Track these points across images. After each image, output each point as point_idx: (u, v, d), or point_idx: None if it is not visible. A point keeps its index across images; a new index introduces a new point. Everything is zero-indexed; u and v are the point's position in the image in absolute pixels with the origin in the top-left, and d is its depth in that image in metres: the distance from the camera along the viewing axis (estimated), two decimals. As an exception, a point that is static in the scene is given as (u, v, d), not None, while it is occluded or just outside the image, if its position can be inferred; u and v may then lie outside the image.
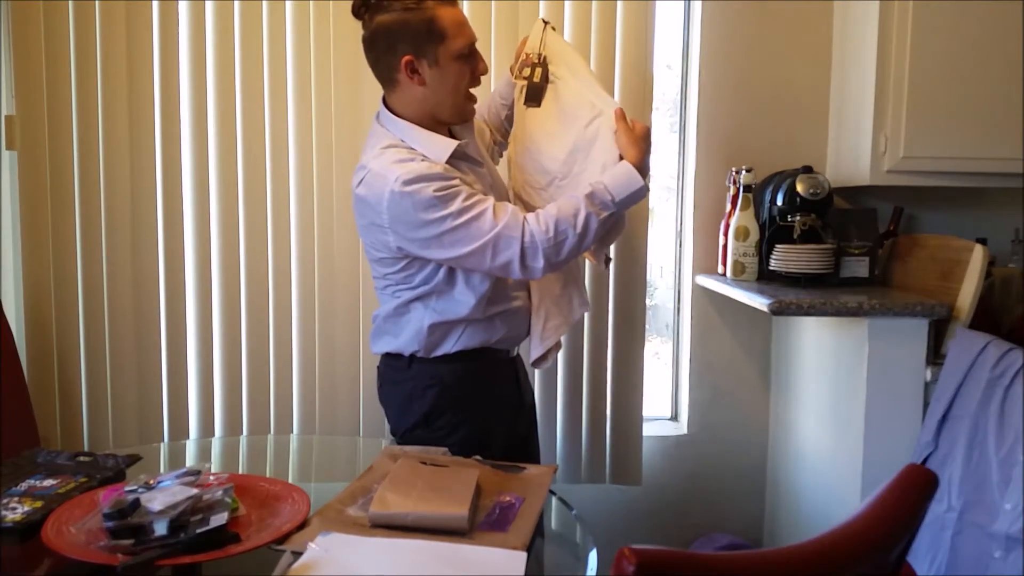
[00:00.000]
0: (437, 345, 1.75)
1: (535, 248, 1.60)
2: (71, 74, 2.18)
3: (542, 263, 1.61)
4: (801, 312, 2.05)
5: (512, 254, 1.60)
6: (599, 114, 1.77)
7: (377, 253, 1.72)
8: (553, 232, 1.60)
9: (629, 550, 0.89)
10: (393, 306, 1.77)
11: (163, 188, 2.26)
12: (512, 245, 1.59)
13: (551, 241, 1.60)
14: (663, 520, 2.65)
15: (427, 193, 1.57)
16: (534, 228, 1.60)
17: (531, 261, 1.61)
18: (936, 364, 2.07)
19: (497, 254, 1.60)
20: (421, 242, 1.62)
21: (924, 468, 1.13)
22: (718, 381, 2.64)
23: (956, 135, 2.25)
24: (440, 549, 1.22)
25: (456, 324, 1.74)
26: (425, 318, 1.74)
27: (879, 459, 2.08)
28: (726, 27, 2.52)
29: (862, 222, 2.42)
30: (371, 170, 1.64)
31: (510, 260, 1.60)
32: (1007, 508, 1.77)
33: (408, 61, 1.65)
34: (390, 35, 1.65)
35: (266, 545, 1.23)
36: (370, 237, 1.71)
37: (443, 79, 1.68)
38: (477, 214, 1.59)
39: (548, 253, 1.61)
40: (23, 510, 1.32)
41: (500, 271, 1.64)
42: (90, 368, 2.26)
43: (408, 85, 1.68)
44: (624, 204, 1.67)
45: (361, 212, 1.69)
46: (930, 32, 2.22)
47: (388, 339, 1.81)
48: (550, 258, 1.61)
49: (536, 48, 1.89)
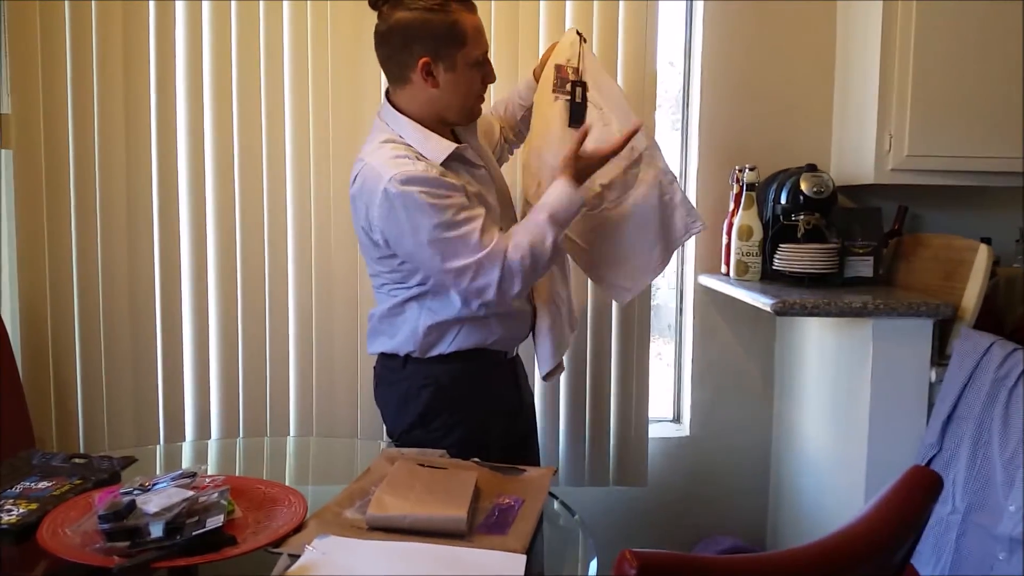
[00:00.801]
0: (433, 345, 1.75)
1: (513, 276, 1.63)
2: (67, 73, 2.17)
3: (518, 288, 1.65)
4: (805, 312, 2.04)
5: (491, 279, 1.62)
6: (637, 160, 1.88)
7: (372, 251, 1.72)
8: (530, 260, 1.65)
9: (630, 553, 0.88)
10: (389, 305, 1.77)
11: (159, 188, 2.25)
12: (492, 273, 1.62)
13: (527, 269, 1.65)
14: (665, 522, 2.64)
15: (419, 198, 1.57)
16: (512, 257, 1.63)
17: (508, 287, 1.64)
18: (940, 365, 2.06)
19: (477, 277, 1.62)
20: (405, 245, 1.63)
21: (928, 470, 1.12)
22: (721, 382, 2.63)
23: (960, 133, 2.24)
24: (438, 551, 1.21)
25: (452, 324, 1.73)
26: (421, 318, 1.73)
27: (883, 460, 2.07)
28: (729, 25, 2.51)
29: (866, 221, 2.41)
30: (367, 164, 1.65)
31: (488, 285, 1.63)
32: (1011, 510, 1.76)
33: (425, 63, 1.64)
34: (408, 33, 1.63)
35: (263, 548, 1.22)
36: (363, 234, 1.71)
37: (457, 84, 1.67)
38: (465, 232, 1.60)
39: (526, 279, 1.65)
40: (18, 512, 1.32)
41: (474, 294, 1.66)
42: (86, 369, 2.25)
43: (420, 86, 1.67)
44: (569, 222, 1.73)
45: (355, 208, 1.70)
46: (933, 31, 2.21)
47: (384, 339, 1.80)
48: (527, 284, 1.67)
49: (575, 63, 1.91)
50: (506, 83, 2.31)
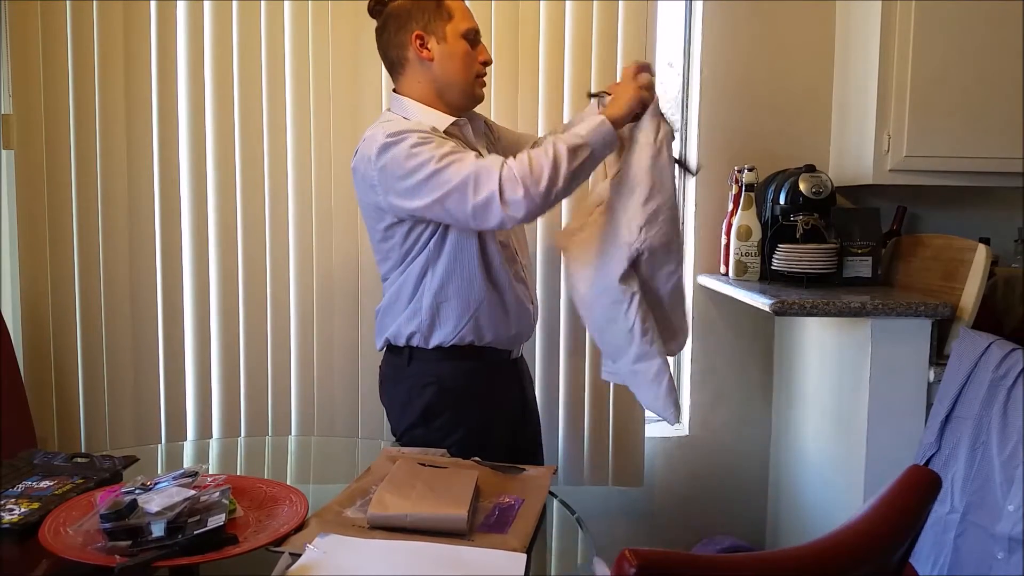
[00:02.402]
0: (436, 327, 1.76)
1: (514, 181, 1.58)
2: (68, 73, 2.18)
3: (521, 193, 1.58)
4: (804, 312, 2.04)
5: (492, 186, 1.58)
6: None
7: (378, 224, 1.75)
8: (528, 163, 1.60)
9: (630, 552, 0.88)
10: (396, 286, 1.79)
11: (160, 188, 2.25)
12: (491, 178, 1.59)
13: (527, 171, 1.59)
14: (664, 522, 2.64)
15: (410, 140, 1.64)
16: (511, 163, 1.61)
17: (510, 194, 1.58)
18: (939, 365, 2.06)
19: (478, 189, 1.59)
20: (406, 191, 1.64)
21: (927, 469, 1.12)
22: (720, 382, 2.63)
23: (959, 133, 2.24)
24: (439, 551, 1.21)
25: (456, 304, 1.75)
26: (425, 295, 1.75)
27: (882, 460, 2.07)
28: (728, 26, 2.51)
29: (865, 221, 2.41)
30: (366, 137, 1.72)
31: (491, 193, 1.58)
32: (1010, 509, 1.77)
33: (418, 35, 1.75)
34: (401, 16, 1.77)
35: (264, 547, 1.22)
36: (368, 207, 1.75)
37: (451, 55, 1.76)
38: (457, 157, 1.63)
39: (527, 183, 1.58)
40: (20, 511, 1.32)
41: (482, 209, 1.60)
42: (87, 369, 2.25)
43: (417, 62, 1.77)
44: (594, 142, 1.65)
45: (357, 181, 1.75)
46: (933, 31, 2.21)
47: (389, 325, 1.82)
48: (529, 190, 1.58)
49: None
50: (506, 83, 2.32)
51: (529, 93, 2.35)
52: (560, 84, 2.36)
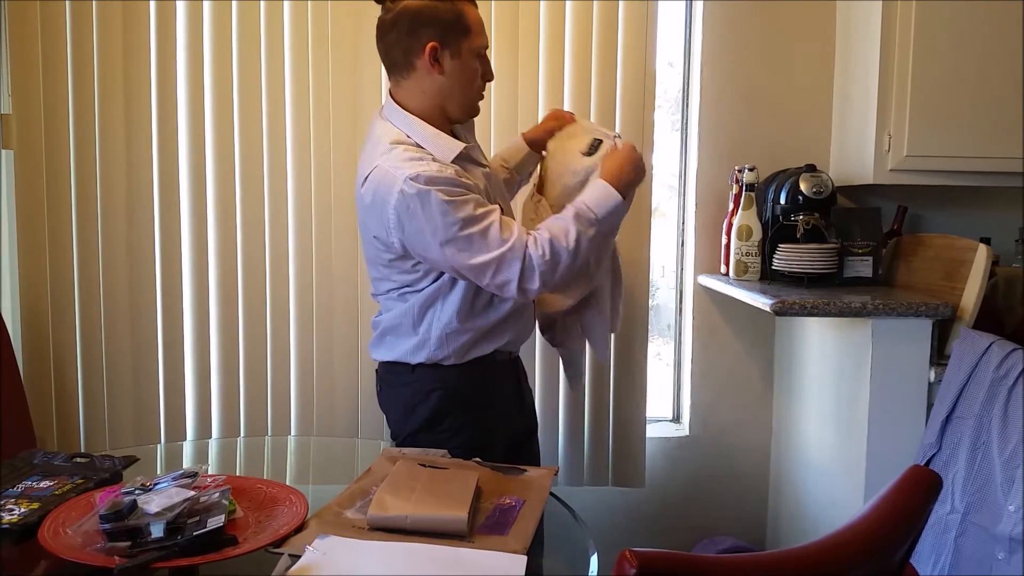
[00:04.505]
0: (446, 352, 1.73)
1: (532, 271, 1.61)
2: (68, 73, 2.17)
3: (537, 284, 1.62)
4: (804, 312, 2.04)
5: (513, 275, 1.60)
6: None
7: (383, 256, 1.70)
8: (549, 255, 1.62)
9: (630, 552, 0.88)
10: (398, 312, 1.74)
11: (160, 188, 2.25)
12: (514, 266, 1.60)
13: (547, 264, 1.62)
14: (665, 522, 2.64)
15: (435, 197, 1.56)
16: (532, 252, 1.61)
17: (528, 284, 1.62)
18: (940, 365, 2.06)
19: (499, 272, 1.60)
20: (424, 246, 1.61)
21: (928, 469, 1.12)
22: (720, 382, 2.63)
23: (959, 133, 2.24)
24: (439, 552, 1.21)
25: (464, 332, 1.72)
26: (434, 327, 1.71)
27: (883, 460, 2.07)
28: (728, 25, 2.51)
29: (865, 221, 2.41)
30: (379, 167, 1.62)
31: (509, 280, 1.61)
32: (1011, 509, 1.77)
33: (433, 48, 1.65)
34: (416, 19, 1.65)
35: (263, 548, 1.22)
36: (376, 242, 1.68)
37: (462, 72, 1.69)
38: (486, 227, 1.59)
39: (545, 276, 1.62)
40: (20, 511, 1.32)
41: (496, 289, 1.64)
42: (86, 369, 2.25)
43: (425, 73, 1.67)
44: (607, 220, 1.69)
45: (367, 214, 1.67)
46: (933, 31, 2.21)
47: (391, 348, 1.78)
48: (546, 281, 1.63)
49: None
50: (507, 83, 2.31)
51: (529, 93, 2.34)
52: (560, 84, 2.35)
